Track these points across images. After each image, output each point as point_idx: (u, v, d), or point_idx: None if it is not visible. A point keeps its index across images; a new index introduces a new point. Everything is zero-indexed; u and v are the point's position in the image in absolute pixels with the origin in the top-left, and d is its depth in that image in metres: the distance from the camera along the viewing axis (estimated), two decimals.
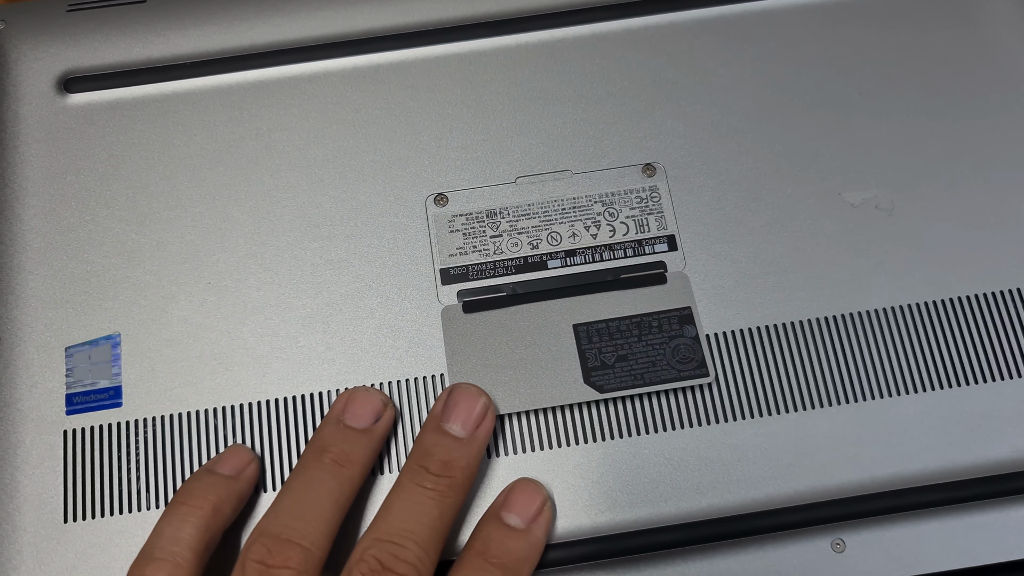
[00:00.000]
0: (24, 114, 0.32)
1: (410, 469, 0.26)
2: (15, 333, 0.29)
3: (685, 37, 0.32)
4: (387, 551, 0.24)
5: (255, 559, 0.24)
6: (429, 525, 0.25)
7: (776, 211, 0.30)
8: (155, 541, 0.25)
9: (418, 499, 0.25)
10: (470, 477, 0.26)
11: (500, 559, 0.25)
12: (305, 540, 0.24)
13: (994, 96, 0.31)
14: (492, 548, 0.25)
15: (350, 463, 0.26)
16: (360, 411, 0.27)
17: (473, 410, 0.27)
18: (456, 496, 0.26)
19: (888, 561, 0.27)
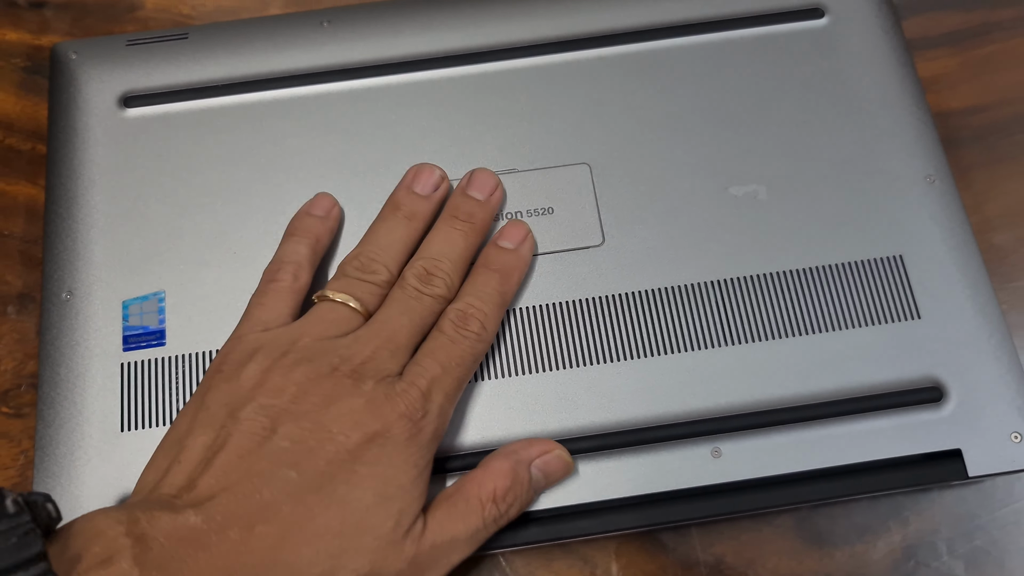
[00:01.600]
0: (92, 124, 0.40)
1: (444, 218, 0.36)
2: (84, 290, 0.37)
3: (609, 67, 0.40)
4: (429, 264, 0.34)
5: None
6: (457, 251, 0.35)
7: (677, 201, 0.38)
8: (279, 256, 0.35)
9: (449, 235, 0.35)
10: (486, 226, 0.36)
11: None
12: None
13: (845, 111, 0.39)
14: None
15: (417, 218, 0.36)
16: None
17: (488, 182, 0.37)
18: (477, 236, 0.36)
19: (754, 465, 0.34)
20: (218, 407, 0.30)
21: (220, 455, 0.29)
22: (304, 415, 0.30)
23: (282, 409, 0.30)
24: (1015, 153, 0.42)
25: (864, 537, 0.36)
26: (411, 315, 0.33)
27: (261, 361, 0.31)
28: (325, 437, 0.29)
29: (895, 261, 0.37)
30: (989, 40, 0.45)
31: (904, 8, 0.45)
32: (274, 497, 0.28)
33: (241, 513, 0.28)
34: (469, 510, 0.31)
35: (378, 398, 0.30)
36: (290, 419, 0.29)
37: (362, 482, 0.29)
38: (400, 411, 0.30)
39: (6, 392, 0.38)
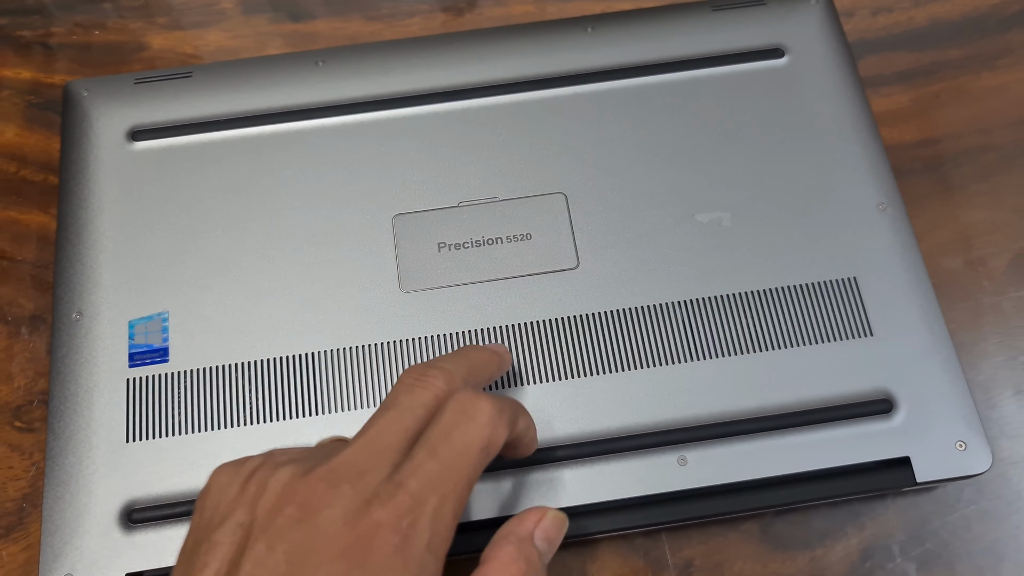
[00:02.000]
0: (103, 156, 0.42)
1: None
2: (93, 311, 0.39)
3: (584, 104, 0.43)
4: (432, 365, 0.31)
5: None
6: (466, 362, 0.32)
7: (647, 227, 0.40)
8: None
9: (460, 351, 0.34)
10: (496, 360, 0.35)
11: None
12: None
13: (804, 144, 0.42)
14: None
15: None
16: None
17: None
18: (488, 355, 0.34)
19: (718, 472, 0.36)
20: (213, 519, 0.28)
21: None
22: (278, 536, 0.26)
23: (256, 524, 0.27)
24: (963, 183, 0.45)
25: (824, 541, 0.38)
26: (401, 413, 0.29)
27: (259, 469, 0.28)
28: (303, 560, 0.26)
29: (849, 283, 0.39)
30: (938, 78, 0.48)
31: (859, 48, 0.48)
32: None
33: None
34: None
35: (358, 508, 0.26)
36: (265, 536, 0.26)
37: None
38: (380, 520, 0.26)
39: (19, 408, 0.41)
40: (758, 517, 0.39)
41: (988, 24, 0.49)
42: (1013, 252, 0.44)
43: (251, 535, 0.26)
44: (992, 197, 0.45)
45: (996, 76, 0.48)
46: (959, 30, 0.49)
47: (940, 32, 0.49)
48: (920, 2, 0.50)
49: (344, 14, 0.50)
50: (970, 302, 0.42)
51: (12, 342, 0.42)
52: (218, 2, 0.50)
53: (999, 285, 0.43)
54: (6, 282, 0.43)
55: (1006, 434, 0.40)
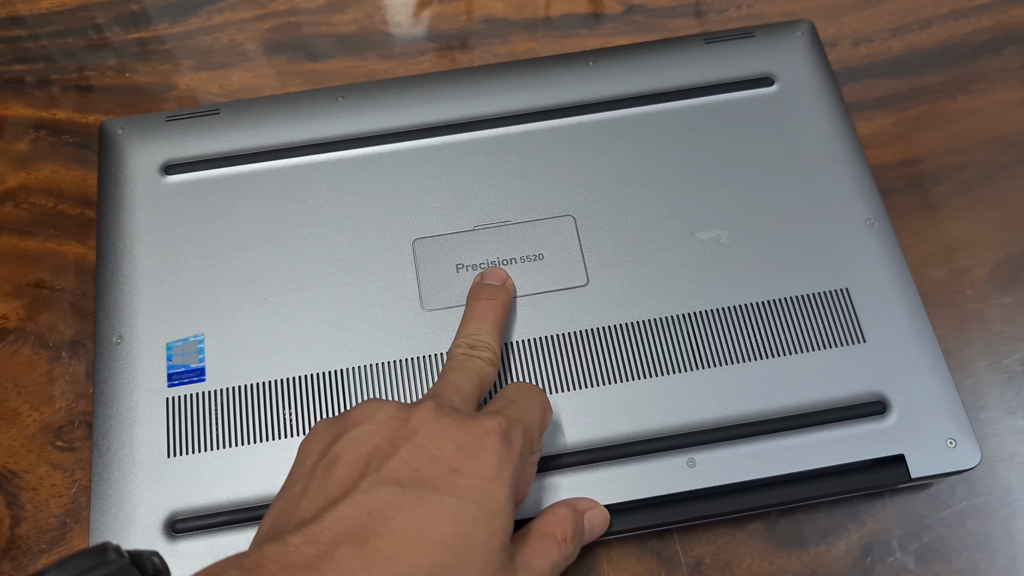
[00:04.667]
0: (137, 190, 0.44)
1: (470, 301, 0.39)
2: (132, 335, 0.40)
3: (590, 132, 0.45)
4: (472, 339, 0.37)
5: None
6: (490, 325, 0.38)
7: (651, 245, 0.42)
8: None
9: (479, 311, 0.39)
10: (508, 303, 0.40)
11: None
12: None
13: (795, 165, 0.43)
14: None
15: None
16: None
17: (499, 273, 0.41)
18: (503, 311, 0.39)
19: (725, 473, 0.37)
20: (327, 442, 0.31)
21: (318, 486, 0.29)
22: (399, 437, 0.30)
23: (378, 434, 0.31)
24: (944, 199, 0.47)
25: (826, 539, 0.40)
26: (468, 373, 0.35)
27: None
28: (422, 452, 0.30)
29: (842, 293, 0.41)
30: (917, 103, 0.50)
31: (843, 76, 0.50)
32: (382, 511, 0.28)
33: (352, 529, 0.27)
34: (548, 546, 0.33)
35: (464, 419, 0.31)
36: (386, 442, 0.30)
37: (465, 494, 0.29)
38: (487, 427, 0.31)
39: (60, 428, 0.42)
40: (764, 517, 0.40)
41: (962, 52, 0.51)
42: (993, 262, 0.45)
43: (375, 443, 0.30)
44: (971, 211, 0.46)
45: (971, 99, 0.50)
46: (935, 58, 0.51)
47: (917, 60, 0.51)
48: (898, 32, 0.52)
49: (359, 53, 0.52)
50: (955, 310, 0.44)
51: (53, 366, 0.43)
52: (241, 44, 0.52)
53: (981, 293, 0.44)
54: (47, 309, 0.44)
55: (993, 433, 0.41)
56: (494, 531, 0.29)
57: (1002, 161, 0.48)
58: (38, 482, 0.41)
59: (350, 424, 0.31)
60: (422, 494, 0.28)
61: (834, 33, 0.52)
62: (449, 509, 0.28)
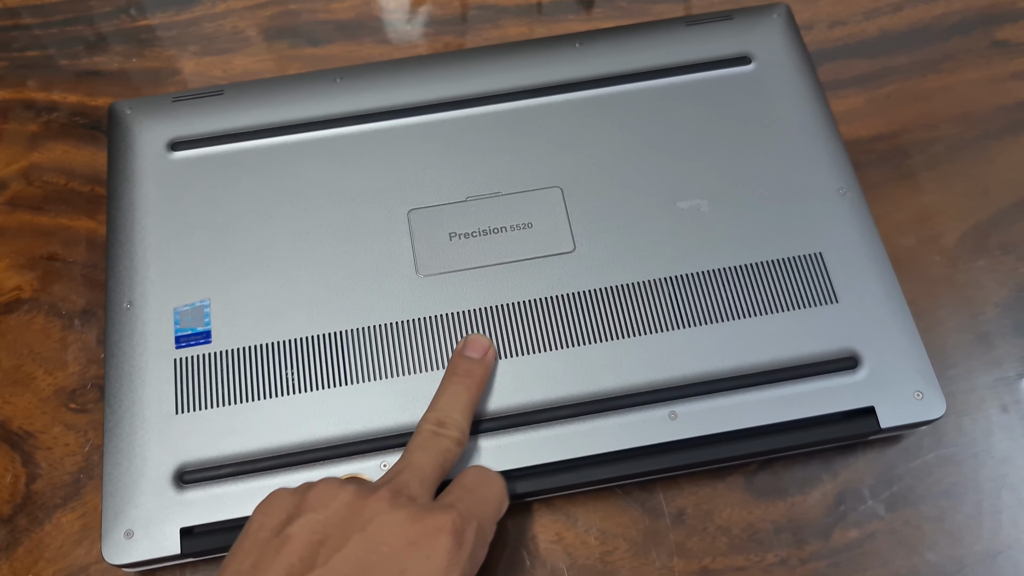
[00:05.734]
0: (145, 165, 0.45)
1: (447, 376, 0.39)
2: (142, 301, 0.42)
3: (576, 109, 0.46)
4: (442, 415, 0.37)
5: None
6: (463, 403, 0.37)
7: (634, 214, 0.43)
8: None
9: (454, 390, 0.38)
10: (484, 379, 0.39)
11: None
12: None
13: (771, 139, 0.45)
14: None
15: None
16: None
17: (481, 344, 0.40)
18: (477, 388, 0.38)
19: (704, 424, 0.39)
20: (283, 518, 0.32)
21: (273, 564, 0.30)
22: (352, 528, 0.31)
23: (331, 523, 0.31)
24: (915, 171, 0.49)
25: (802, 489, 0.41)
26: (432, 454, 0.35)
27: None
28: (371, 548, 0.30)
29: (816, 257, 0.42)
30: (889, 81, 0.51)
31: (818, 57, 0.52)
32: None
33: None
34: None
35: (418, 512, 0.31)
36: (338, 531, 0.31)
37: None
38: (440, 524, 0.31)
39: (73, 391, 0.43)
40: (743, 470, 0.42)
41: (932, 33, 0.53)
42: (961, 230, 0.47)
43: (326, 531, 0.31)
44: (940, 183, 0.48)
45: (940, 78, 0.51)
46: (906, 39, 0.53)
47: (889, 41, 0.53)
48: (871, 15, 0.54)
49: (357, 38, 0.53)
50: (924, 274, 0.46)
51: (66, 333, 0.45)
52: (243, 31, 0.54)
53: (950, 259, 0.46)
54: (59, 280, 0.46)
55: (960, 390, 0.43)
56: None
57: (969, 136, 0.50)
58: (52, 442, 0.42)
59: (306, 507, 0.32)
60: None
61: (810, 16, 0.54)
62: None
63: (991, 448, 0.42)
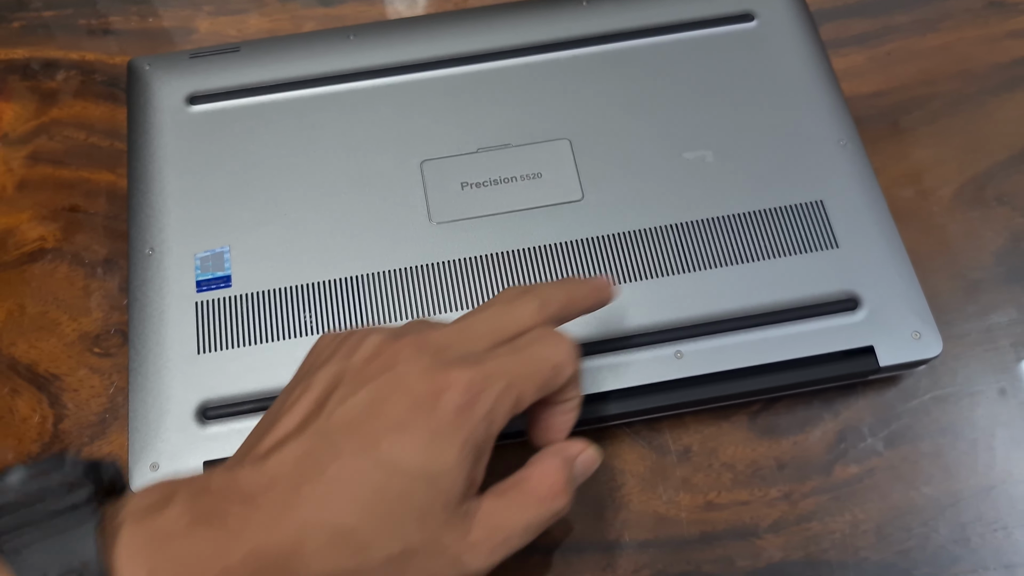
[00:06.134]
0: (165, 118, 0.46)
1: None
2: (163, 247, 0.43)
3: (585, 64, 0.48)
4: (533, 288, 0.34)
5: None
6: (566, 291, 0.35)
7: (641, 164, 0.45)
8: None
9: (567, 280, 0.37)
10: (597, 291, 0.36)
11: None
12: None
13: (774, 94, 0.46)
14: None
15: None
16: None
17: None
18: (589, 290, 0.36)
19: (709, 363, 0.40)
20: (316, 363, 0.32)
21: (285, 416, 0.30)
22: (366, 377, 0.30)
23: (349, 372, 0.30)
24: (913, 126, 0.50)
25: (804, 428, 0.43)
26: (496, 317, 0.32)
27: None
28: (378, 401, 0.29)
29: (817, 205, 0.44)
30: (889, 40, 0.52)
31: (820, 16, 0.53)
32: (319, 459, 0.27)
33: (288, 471, 0.27)
34: (524, 503, 0.31)
35: (434, 368, 0.29)
36: (352, 379, 0.30)
37: (405, 453, 0.28)
38: (453, 381, 0.29)
39: (97, 336, 0.44)
40: (746, 409, 0.43)
41: None
42: (958, 183, 0.48)
43: (341, 380, 0.30)
44: (938, 138, 0.49)
45: (939, 36, 0.52)
46: None
47: (889, 1, 0.54)
48: None
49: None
50: (922, 224, 0.47)
51: (89, 281, 0.46)
52: None
53: (947, 211, 0.47)
54: (81, 231, 0.47)
55: (956, 333, 0.44)
56: (437, 491, 0.28)
57: (967, 92, 0.51)
58: (78, 384, 0.43)
59: (338, 353, 0.31)
60: (361, 448, 0.28)
61: None
62: (385, 467, 0.27)
63: (985, 388, 0.43)
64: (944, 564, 0.40)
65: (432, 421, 0.28)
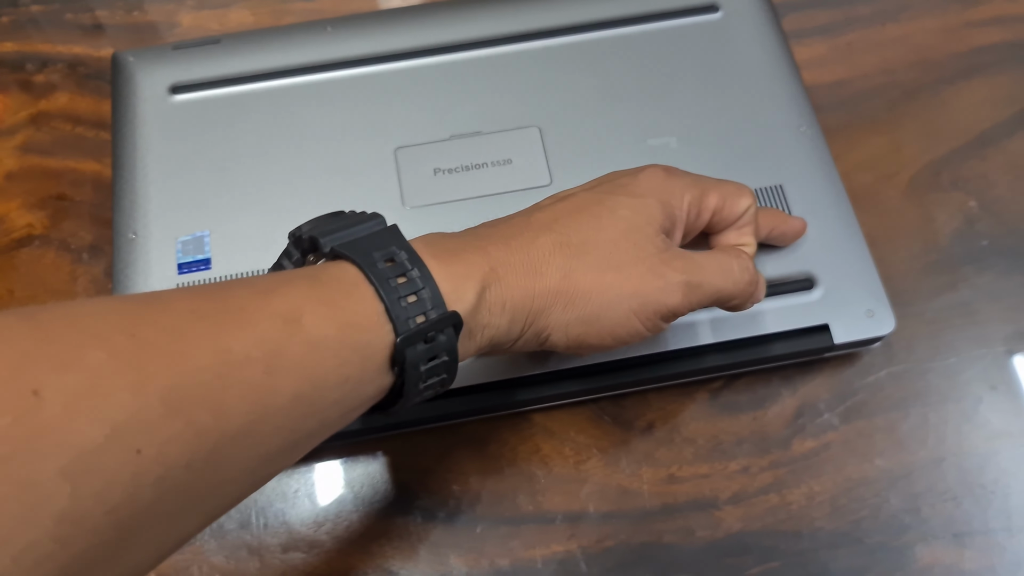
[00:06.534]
0: (148, 108, 0.48)
1: None
2: (146, 231, 0.44)
3: (553, 54, 0.49)
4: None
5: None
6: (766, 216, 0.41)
7: (607, 151, 0.46)
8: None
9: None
10: (790, 223, 0.43)
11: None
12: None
13: (737, 82, 0.48)
14: None
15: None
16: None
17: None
18: (787, 223, 0.43)
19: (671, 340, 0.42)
20: None
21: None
22: (625, 176, 0.38)
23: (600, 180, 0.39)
24: (873, 114, 0.51)
25: (763, 404, 0.44)
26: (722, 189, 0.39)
27: None
28: (604, 193, 0.37)
29: (777, 189, 0.45)
30: (850, 31, 0.54)
31: (784, 7, 0.54)
32: (580, 204, 0.36)
33: (558, 213, 0.35)
34: (725, 261, 0.36)
35: (673, 176, 0.38)
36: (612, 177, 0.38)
37: (630, 199, 0.36)
38: (681, 183, 0.37)
39: None
40: (708, 386, 0.44)
41: None
42: (915, 169, 0.50)
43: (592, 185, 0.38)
44: (896, 125, 0.51)
45: (899, 27, 0.54)
46: None
47: None
48: None
49: None
50: (880, 208, 0.48)
51: (75, 267, 0.47)
52: None
53: (903, 195, 0.49)
54: (68, 218, 0.49)
55: (911, 312, 0.46)
56: (649, 219, 0.35)
57: (925, 81, 0.52)
58: None
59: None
60: (605, 195, 0.36)
61: None
62: (620, 202, 0.35)
63: (938, 366, 0.45)
64: (895, 533, 0.41)
65: (640, 216, 0.35)
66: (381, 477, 0.43)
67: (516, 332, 0.33)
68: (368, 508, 0.42)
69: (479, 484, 0.42)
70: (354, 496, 0.42)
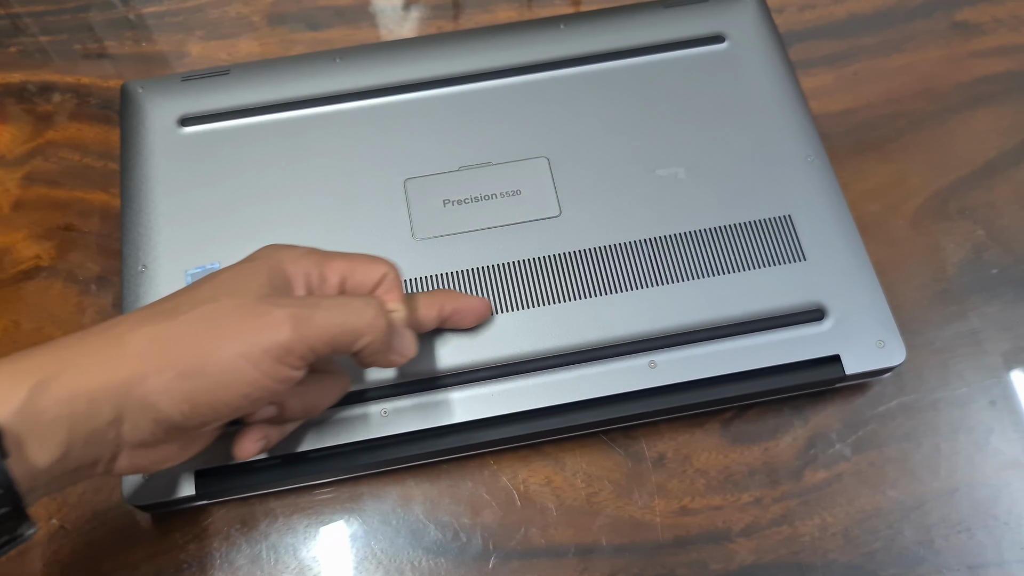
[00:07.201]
0: (157, 139, 0.47)
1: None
2: (156, 264, 0.44)
3: (563, 85, 0.49)
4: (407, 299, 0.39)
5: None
6: (433, 300, 0.41)
7: (616, 181, 0.46)
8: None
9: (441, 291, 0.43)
10: (470, 307, 0.41)
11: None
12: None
13: (744, 112, 0.48)
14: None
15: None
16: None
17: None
18: (462, 305, 0.41)
19: (682, 372, 0.42)
20: None
21: None
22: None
23: None
24: (879, 143, 0.51)
25: (775, 435, 0.44)
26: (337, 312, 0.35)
27: None
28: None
29: (786, 219, 0.45)
30: (856, 60, 0.54)
31: (790, 38, 0.55)
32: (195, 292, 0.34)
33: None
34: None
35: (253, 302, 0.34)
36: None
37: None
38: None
39: None
40: (719, 417, 0.44)
41: (896, 16, 0.56)
42: (922, 198, 0.50)
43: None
44: (903, 154, 0.51)
45: (904, 57, 0.54)
46: (872, 21, 0.56)
47: (857, 23, 0.56)
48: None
49: (355, 23, 0.56)
50: (888, 237, 0.48)
51: (83, 298, 0.47)
52: (248, 16, 0.56)
53: (911, 224, 0.49)
54: (75, 249, 0.48)
55: (921, 342, 0.46)
56: (253, 274, 0.34)
57: (930, 110, 0.52)
58: None
59: None
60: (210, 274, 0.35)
61: (781, 0, 0.56)
62: (222, 272, 0.34)
63: (949, 395, 0.44)
64: (909, 565, 0.41)
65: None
66: (392, 511, 0.42)
67: (107, 414, 0.30)
68: (379, 542, 0.41)
69: (491, 517, 0.42)
70: (365, 531, 0.42)
